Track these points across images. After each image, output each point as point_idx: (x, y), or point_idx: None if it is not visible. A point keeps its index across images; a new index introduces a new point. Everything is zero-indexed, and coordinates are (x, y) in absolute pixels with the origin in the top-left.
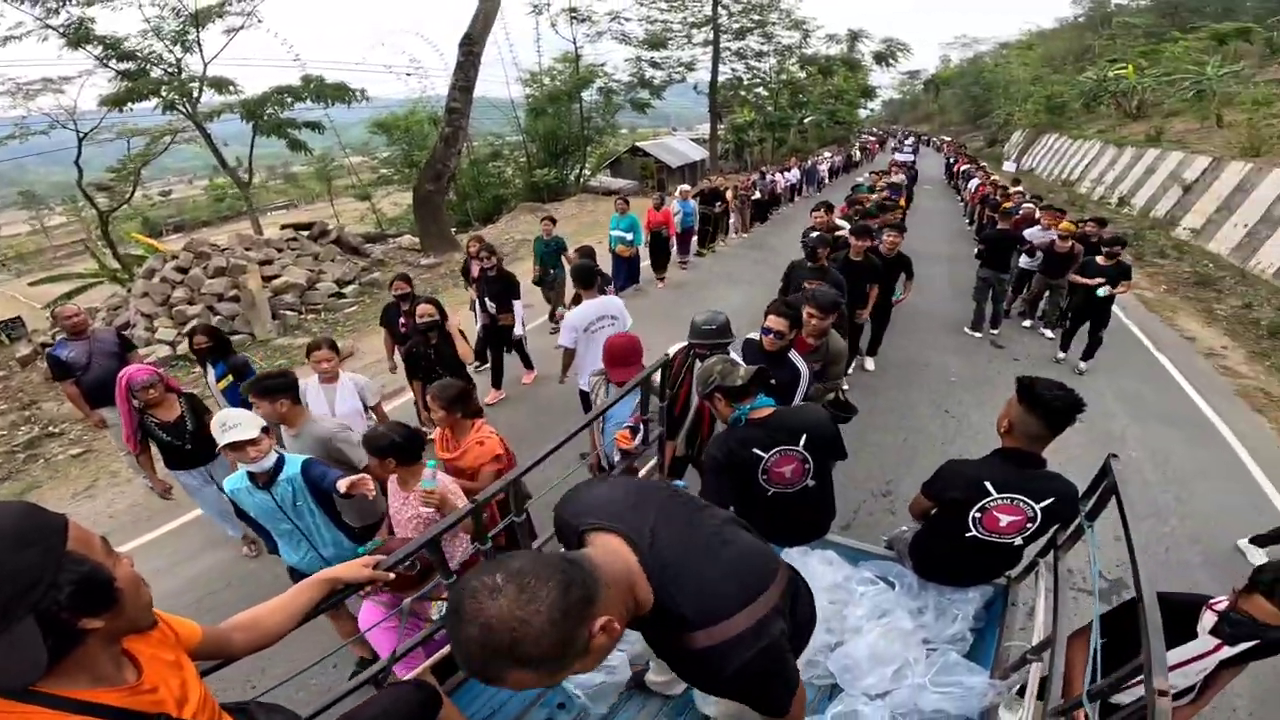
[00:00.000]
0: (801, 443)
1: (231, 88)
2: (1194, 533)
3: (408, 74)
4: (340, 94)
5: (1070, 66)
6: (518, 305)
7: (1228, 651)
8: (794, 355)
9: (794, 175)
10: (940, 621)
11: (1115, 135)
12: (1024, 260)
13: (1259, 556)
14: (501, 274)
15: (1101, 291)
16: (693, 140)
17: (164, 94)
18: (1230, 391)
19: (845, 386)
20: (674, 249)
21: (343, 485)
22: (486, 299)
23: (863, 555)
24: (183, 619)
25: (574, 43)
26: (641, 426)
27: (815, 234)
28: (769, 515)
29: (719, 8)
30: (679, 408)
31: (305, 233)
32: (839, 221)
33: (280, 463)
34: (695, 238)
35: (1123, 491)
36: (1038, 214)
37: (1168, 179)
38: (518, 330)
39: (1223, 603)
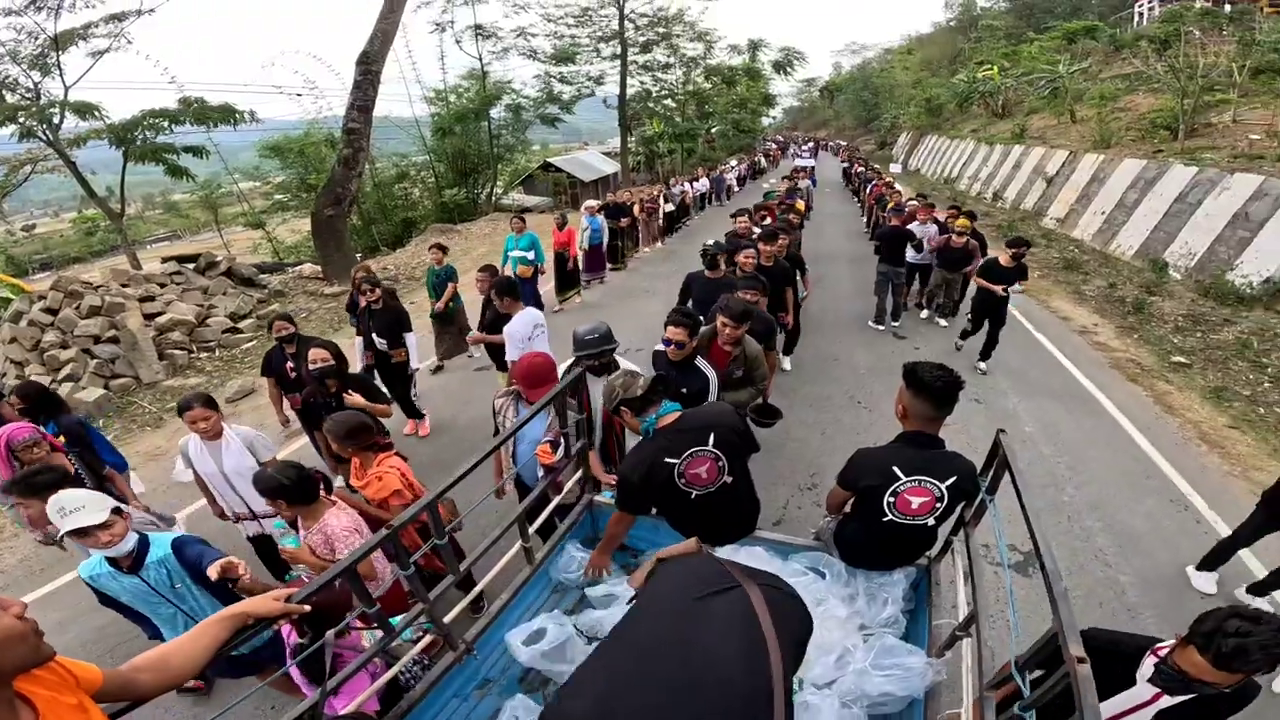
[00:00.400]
0: (711, 441)
1: (96, 112)
2: (1091, 499)
3: (299, 94)
4: (225, 116)
5: (945, 70)
6: (410, 338)
7: (1166, 702)
8: (701, 363)
9: (703, 185)
10: (873, 606)
11: (986, 134)
12: (910, 254)
13: (1207, 584)
14: (389, 306)
15: (1001, 288)
16: (605, 154)
17: (21, 120)
18: (1105, 364)
19: (768, 394)
20: (581, 268)
21: (213, 572)
22: (374, 334)
23: (791, 549)
24: (82, 662)
25: (480, 59)
26: (561, 440)
27: (741, 240)
28: (696, 519)
29: (625, 22)
30: (618, 430)
31: (191, 265)
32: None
33: (145, 543)
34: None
35: (1018, 464)
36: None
37: (1032, 173)
38: (413, 363)
39: (1166, 648)
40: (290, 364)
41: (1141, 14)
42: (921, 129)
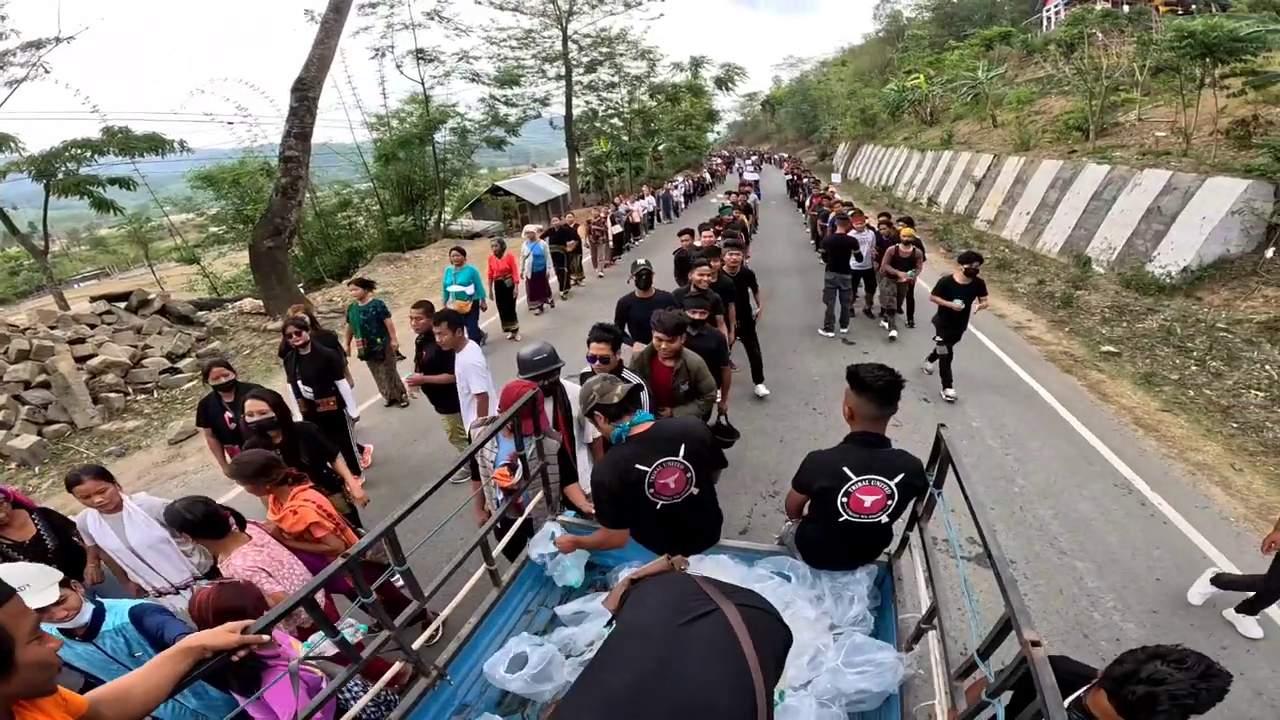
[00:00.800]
0: (681, 452)
1: (13, 144)
2: (1040, 488)
3: (230, 122)
4: (153, 145)
5: (877, 80)
6: (344, 386)
7: None
8: (628, 374)
9: (649, 203)
10: (840, 606)
11: (917, 141)
12: (853, 262)
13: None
14: (317, 352)
15: (958, 303)
16: (553, 175)
17: None
18: (1041, 358)
19: (725, 410)
20: (523, 297)
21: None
22: (299, 381)
23: (756, 555)
24: (70, 692)
25: (422, 84)
26: (519, 463)
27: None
28: (663, 529)
29: (568, 43)
30: (569, 447)
31: (122, 304)
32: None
33: (100, 612)
34: (555, 280)
35: (965, 458)
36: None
37: (961, 178)
38: (351, 411)
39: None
40: (229, 414)
41: (1049, 18)
42: (858, 139)
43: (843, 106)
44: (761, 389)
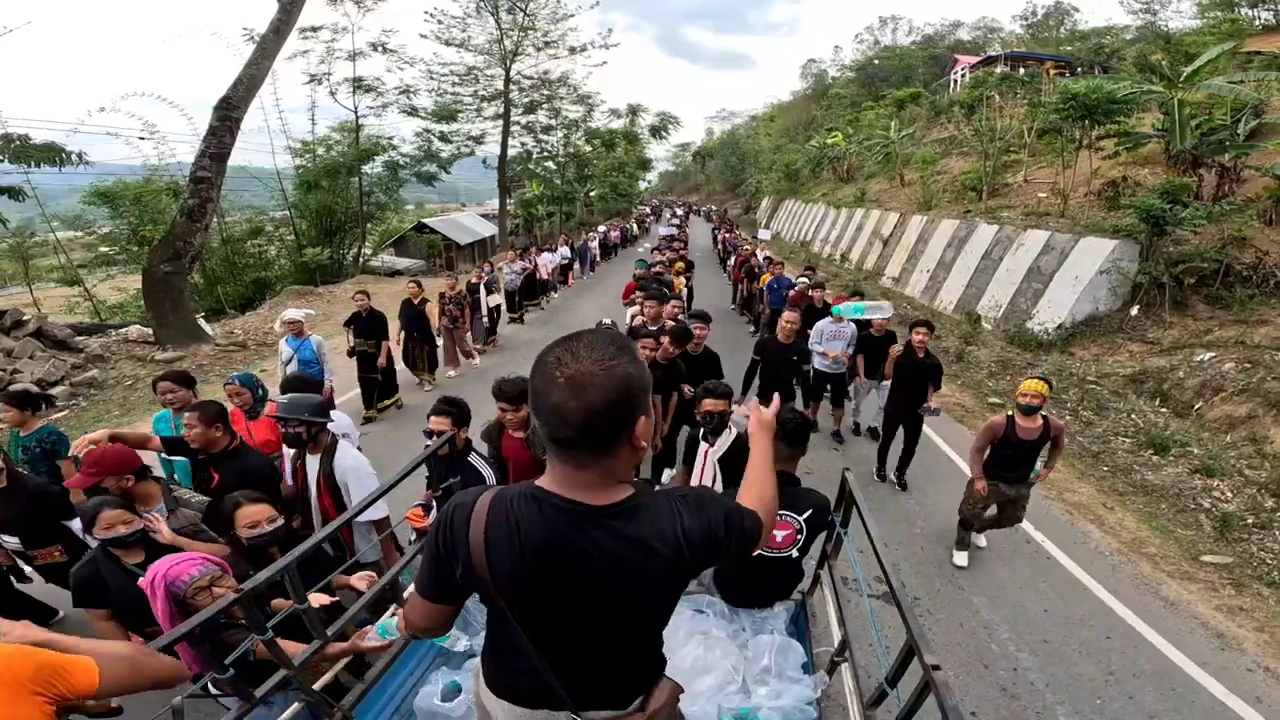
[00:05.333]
0: None
1: None
2: (938, 530)
3: (142, 137)
4: (50, 156)
5: (801, 136)
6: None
7: None
8: (475, 459)
9: (563, 254)
10: (756, 642)
11: (834, 198)
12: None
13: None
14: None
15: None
16: (482, 215)
17: None
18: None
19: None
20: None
21: None
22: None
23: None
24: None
25: (355, 113)
26: (434, 504)
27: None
28: None
29: (510, 83)
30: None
31: None
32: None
33: None
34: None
35: (869, 502)
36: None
37: (871, 235)
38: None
39: None
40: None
41: (956, 80)
42: (781, 193)
43: (769, 161)
44: (666, 476)
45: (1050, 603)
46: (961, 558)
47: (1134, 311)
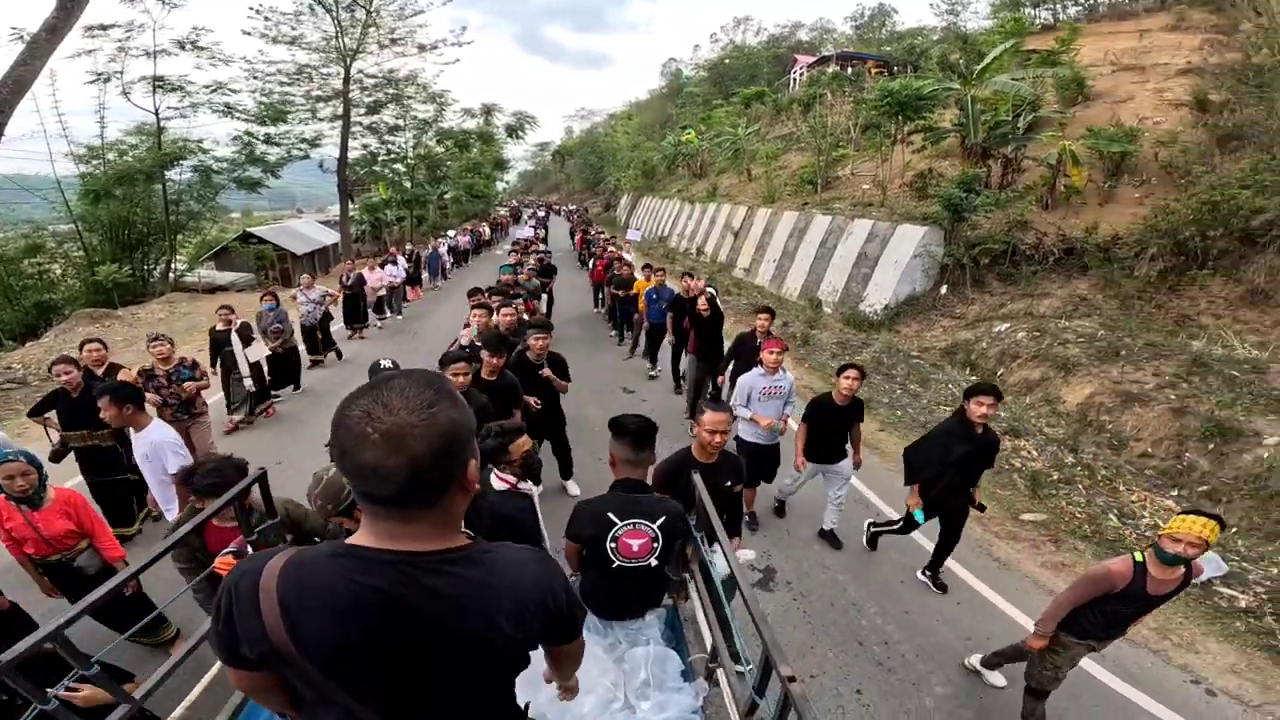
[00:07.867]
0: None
1: None
2: (800, 514)
3: None
4: None
5: (658, 134)
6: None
7: None
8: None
9: (396, 269)
10: (634, 653)
11: (688, 193)
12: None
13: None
14: None
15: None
16: (323, 223)
17: None
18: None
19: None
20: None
21: None
22: None
23: None
24: None
25: (156, 114)
26: (248, 549)
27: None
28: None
29: (350, 83)
30: None
31: None
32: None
33: None
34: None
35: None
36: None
37: (723, 228)
38: None
39: None
40: None
41: (795, 79)
42: (639, 190)
43: (627, 159)
44: (573, 486)
45: (905, 573)
46: None
47: (943, 291)
